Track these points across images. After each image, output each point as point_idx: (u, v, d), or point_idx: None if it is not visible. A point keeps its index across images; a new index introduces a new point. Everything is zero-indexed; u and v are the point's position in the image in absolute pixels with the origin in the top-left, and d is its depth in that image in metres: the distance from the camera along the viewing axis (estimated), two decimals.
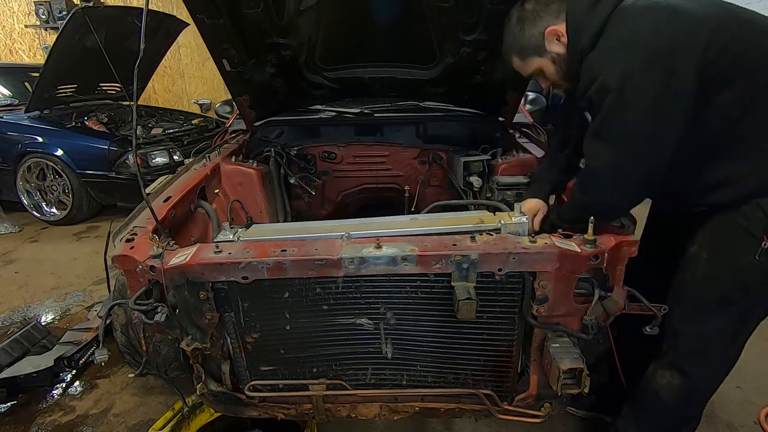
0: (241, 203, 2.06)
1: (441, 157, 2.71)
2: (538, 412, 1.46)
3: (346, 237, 1.32)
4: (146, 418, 2.00)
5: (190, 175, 1.90)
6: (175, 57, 6.85)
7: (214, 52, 2.00)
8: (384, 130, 2.80)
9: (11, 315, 2.90)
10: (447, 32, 2.03)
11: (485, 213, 1.59)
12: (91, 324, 2.35)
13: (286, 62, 2.22)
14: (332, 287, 1.30)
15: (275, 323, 1.38)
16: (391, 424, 1.91)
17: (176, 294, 1.29)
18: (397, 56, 2.32)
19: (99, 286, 3.20)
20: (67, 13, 5.65)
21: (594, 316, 1.28)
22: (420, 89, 2.53)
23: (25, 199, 4.41)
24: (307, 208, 2.83)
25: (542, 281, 1.24)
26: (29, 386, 2.09)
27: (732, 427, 1.87)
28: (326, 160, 2.81)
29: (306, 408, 1.53)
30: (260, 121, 2.62)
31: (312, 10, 1.95)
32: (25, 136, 4.20)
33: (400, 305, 1.34)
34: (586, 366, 1.25)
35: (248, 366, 1.47)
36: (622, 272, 1.27)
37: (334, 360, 1.45)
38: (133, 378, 2.22)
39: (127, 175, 4.06)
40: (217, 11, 1.81)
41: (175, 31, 4.90)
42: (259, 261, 1.23)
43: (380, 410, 1.53)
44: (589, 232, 1.23)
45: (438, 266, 1.22)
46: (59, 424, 2.01)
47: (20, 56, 7.03)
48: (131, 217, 1.52)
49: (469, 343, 1.38)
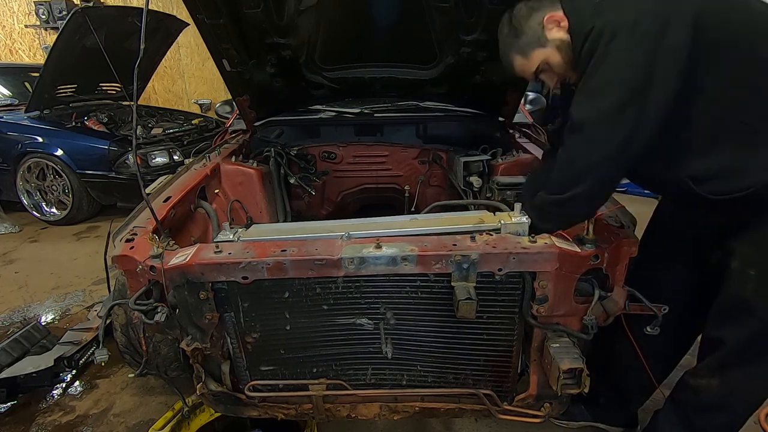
0: (241, 203, 2.06)
1: (441, 157, 2.71)
2: (538, 412, 1.47)
3: (346, 237, 1.32)
4: (146, 418, 2.00)
5: (190, 175, 1.90)
6: (175, 57, 6.85)
7: (214, 52, 2.00)
8: (384, 130, 2.80)
9: (11, 315, 2.90)
10: (447, 32, 2.03)
11: (485, 213, 1.59)
12: (91, 324, 2.35)
13: (286, 62, 2.22)
14: (332, 287, 1.30)
15: (275, 323, 1.38)
16: (391, 424, 1.91)
17: (176, 294, 1.29)
18: (397, 56, 2.32)
19: (99, 286, 3.20)
20: (67, 13, 5.65)
21: (594, 316, 1.28)
22: (420, 89, 2.53)
23: (25, 199, 4.41)
24: (307, 208, 2.83)
25: (542, 281, 1.24)
26: (29, 386, 2.09)
27: None
28: (326, 160, 2.81)
29: (306, 408, 1.53)
30: (260, 121, 2.62)
31: (312, 10, 1.95)
32: (25, 136, 4.20)
33: (400, 305, 1.34)
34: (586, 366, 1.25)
35: (248, 366, 1.47)
36: (623, 272, 1.27)
37: (334, 360, 1.45)
38: (133, 378, 2.22)
39: (127, 175, 4.06)
40: (217, 11, 1.81)
41: (175, 31, 4.90)
42: (259, 261, 1.23)
43: (380, 410, 1.53)
44: (589, 232, 1.23)
45: (438, 266, 1.22)
46: (59, 424, 2.01)
47: (20, 56, 7.03)
48: (131, 217, 1.52)
49: (469, 343, 1.38)
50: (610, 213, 1.40)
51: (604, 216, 1.38)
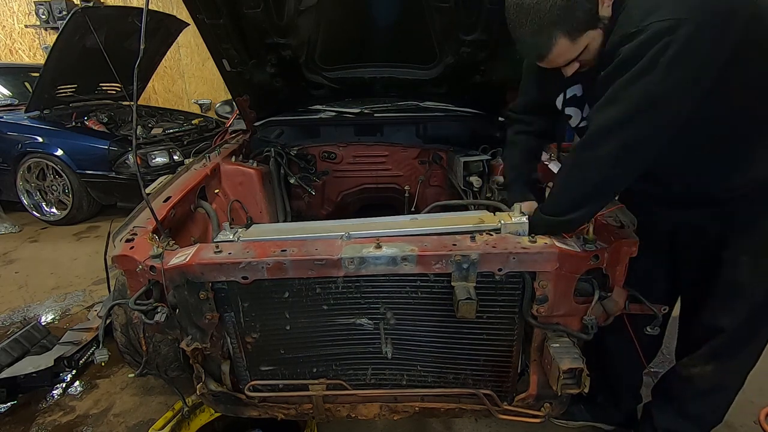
0: (241, 203, 2.06)
1: (441, 157, 2.71)
2: (538, 412, 1.46)
3: (346, 237, 1.32)
4: (146, 418, 2.00)
5: (190, 175, 1.90)
6: (175, 57, 6.85)
7: (214, 52, 2.00)
8: (384, 130, 2.80)
9: (11, 315, 2.90)
10: (447, 32, 2.04)
11: (485, 213, 1.59)
12: (91, 324, 2.35)
13: (286, 62, 2.22)
14: (332, 287, 1.30)
15: (275, 323, 1.38)
16: (391, 424, 1.91)
17: (176, 294, 1.29)
18: (397, 56, 2.32)
19: (99, 286, 3.20)
20: (67, 13, 5.65)
21: (594, 316, 1.28)
22: (420, 89, 2.53)
23: (25, 199, 4.41)
24: (307, 208, 2.83)
25: (542, 281, 1.24)
26: (29, 386, 2.09)
27: (732, 427, 1.86)
28: (326, 160, 2.81)
29: (306, 408, 1.53)
30: (260, 121, 2.62)
31: (312, 10, 1.95)
32: (25, 136, 4.20)
33: (400, 305, 1.33)
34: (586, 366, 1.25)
35: (248, 366, 1.47)
36: (623, 272, 1.27)
37: (334, 360, 1.45)
38: (133, 378, 2.22)
39: (127, 175, 4.06)
40: (217, 11, 1.81)
41: (175, 31, 4.91)
42: (259, 261, 1.23)
43: (380, 410, 1.53)
44: (589, 232, 1.23)
45: (438, 266, 1.22)
46: (59, 424, 2.01)
47: (20, 56, 7.03)
48: (131, 217, 1.52)
49: (469, 343, 1.38)
50: (609, 213, 1.40)
51: (604, 216, 1.38)
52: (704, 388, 1.46)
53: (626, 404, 1.80)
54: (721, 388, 1.47)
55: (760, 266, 1.27)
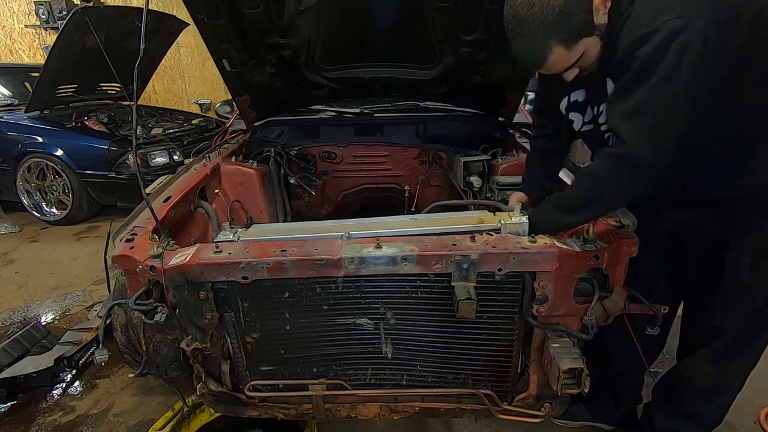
0: (241, 203, 2.06)
1: (441, 157, 2.71)
2: (538, 412, 1.46)
3: (346, 237, 1.32)
4: (146, 418, 2.00)
5: (190, 175, 1.90)
6: (175, 57, 6.85)
7: (214, 52, 2.00)
8: (384, 130, 2.80)
9: (11, 315, 2.90)
10: (447, 32, 2.03)
11: (485, 213, 1.59)
12: (91, 324, 2.35)
13: (286, 62, 2.22)
14: (332, 287, 1.30)
15: (275, 323, 1.38)
16: (391, 424, 1.91)
17: (176, 294, 1.29)
18: (397, 56, 2.32)
19: (99, 286, 3.20)
20: (67, 13, 5.65)
21: (594, 316, 1.28)
22: (420, 89, 2.53)
23: (25, 199, 4.41)
24: (307, 208, 2.83)
25: (542, 281, 1.24)
26: (29, 386, 2.09)
27: (732, 427, 1.86)
28: (326, 160, 2.81)
29: (306, 408, 1.53)
30: (260, 121, 2.62)
31: (312, 10, 1.95)
32: (25, 136, 4.20)
33: (400, 305, 1.33)
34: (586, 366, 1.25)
35: (248, 366, 1.47)
36: (623, 272, 1.27)
37: (334, 360, 1.45)
38: (133, 378, 2.22)
39: (127, 175, 4.06)
40: (217, 11, 1.81)
41: (175, 31, 4.91)
42: (259, 261, 1.23)
43: (380, 410, 1.53)
44: (589, 232, 1.23)
45: (438, 266, 1.22)
46: (59, 424, 2.01)
47: (20, 56, 7.03)
48: (131, 217, 1.52)
49: (469, 343, 1.38)
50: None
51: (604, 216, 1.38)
52: (705, 389, 1.46)
53: (626, 404, 1.80)
54: (722, 389, 1.47)
55: (762, 267, 1.28)
